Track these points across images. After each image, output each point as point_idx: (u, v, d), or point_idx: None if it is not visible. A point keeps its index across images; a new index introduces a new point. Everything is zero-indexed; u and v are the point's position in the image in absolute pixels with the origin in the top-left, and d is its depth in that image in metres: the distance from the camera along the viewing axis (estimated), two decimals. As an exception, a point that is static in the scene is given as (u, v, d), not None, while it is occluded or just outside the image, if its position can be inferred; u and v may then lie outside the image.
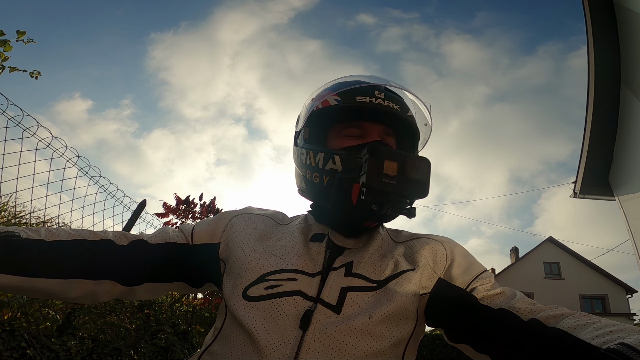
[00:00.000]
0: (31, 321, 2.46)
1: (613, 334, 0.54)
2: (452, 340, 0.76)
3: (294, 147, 0.89)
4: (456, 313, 0.74)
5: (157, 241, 0.83)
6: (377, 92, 0.81)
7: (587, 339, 0.55)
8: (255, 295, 0.71)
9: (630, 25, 4.48)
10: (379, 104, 0.79)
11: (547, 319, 0.63)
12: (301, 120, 0.87)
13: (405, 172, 0.67)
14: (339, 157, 0.75)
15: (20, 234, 0.70)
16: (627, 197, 5.14)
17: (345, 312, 0.68)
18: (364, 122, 0.82)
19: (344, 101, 0.81)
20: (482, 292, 0.74)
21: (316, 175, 0.78)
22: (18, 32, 2.32)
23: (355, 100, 0.79)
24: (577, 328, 0.58)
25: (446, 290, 0.76)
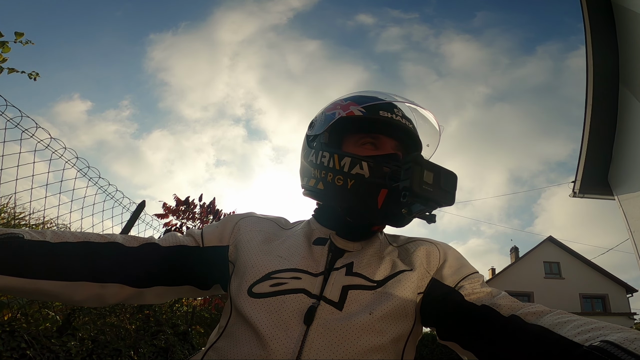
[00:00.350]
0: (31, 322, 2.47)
1: (594, 331, 0.55)
2: (441, 338, 0.79)
3: (308, 149, 0.92)
4: (444, 311, 0.77)
5: (168, 244, 0.85)
6: (396, 110, 0.89)
7: (569, 336, 0.56)
8: (261, 292, 0.74)
9: (629, 24, 4.49)
10: (398, 120, 0.87)
11: (527, 315, 0.65)
12: (320, 124, 0.91)
13: (440, 182, 0.73)
14: (367, 163, 0.79)
15: (24, 235, 0.70)
16: (626, 196, 5.15)
17: (347, 309, 0.72)
18: (381, 135, 0.87)
19: (368, 113, 0.86)
20: (468, 289, 0.77)
21: (339, 177, 0.81)
22: (16, 33, 2.32)
23: (379, 114, 0.86)
24: (557, 325, 0.60)
25: (437, 289, 0.80)
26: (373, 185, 0.78)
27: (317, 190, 0.86)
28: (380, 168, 0.78)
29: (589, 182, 5.70)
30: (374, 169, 0.78)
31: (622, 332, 0.52)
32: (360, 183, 0.79)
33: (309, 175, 0.89)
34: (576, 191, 5.90)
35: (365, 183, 0.78)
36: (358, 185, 0.79)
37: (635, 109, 4.68)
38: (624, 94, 4.94)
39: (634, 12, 4.24)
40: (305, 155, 0.93)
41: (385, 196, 0.77)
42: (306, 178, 0.91)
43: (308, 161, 0.90)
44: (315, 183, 0.86)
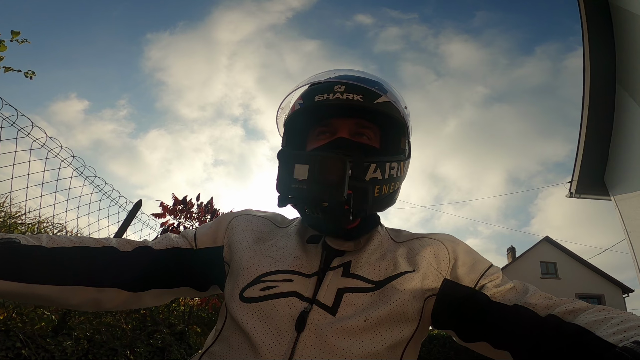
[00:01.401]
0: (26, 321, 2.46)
1: (630, 330, 0.53)
2: (465, 340, 0.74)
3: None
4: (467, 313, 0.73)
5: (161, 247, 0.83)
6: (337, 87, 0.78)
7: (604, 336, 0.54)
8: (252, 297, 0.71)
9: (626, 25, 4.50)
10: (336, 98, 0.76)
11: (565, 314, 0.63)
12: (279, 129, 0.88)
13: (315, 175, 0.66)
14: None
15: (20, 240, 0.70)
16: (622, 196, 5.16)
17: (341, 314, 0.68)
18: (333, 119, 0.81)
19: (305, 103, 0.80)
20: (492, 289, 0.73)
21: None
22: (12, 32, 2.31)
23: (314, 100, 0.78)
24: (595, 324, 0.57)
25: (454, 290, 0.75)
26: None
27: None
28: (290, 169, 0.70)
29: (585, 183, 5.71)
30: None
31: None
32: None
33: None
34: (573, 191, 5.91)
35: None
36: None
37: (631, 109, 4.70)
38: (621, 95, 4.96)
39: (631, 13, 4.25)
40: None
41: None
42: None
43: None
44: None
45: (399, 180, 0.83)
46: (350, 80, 0.80)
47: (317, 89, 0.79)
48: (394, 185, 0.82)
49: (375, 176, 0.76)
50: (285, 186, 0.65)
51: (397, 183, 0.83)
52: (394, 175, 0.80)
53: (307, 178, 0.65)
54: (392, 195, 0.84)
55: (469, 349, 0.75)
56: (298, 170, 0.64)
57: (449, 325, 0.76)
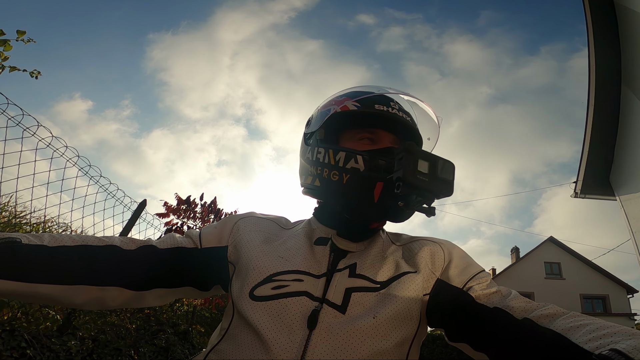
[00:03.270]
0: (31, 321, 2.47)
1: (606, 337, 0.53)
2: (451, 339, 0.77)
3: (305, 147, 0.90)
4: (454, 313, 0.75)
5: (166, 246, 0.84)
6: (392, 103, 0.86)
7: (579, 343, 0.55)
8: (263, 295, 0.73)
9: (631, 24, 4.48)
10: (394, 114, 0.84)
11: (540, 318, 0.64)
12: (316, 121, 0.90)
13: (436, 172, 0.71)
14: (362, 157, 0.77)
15: (21, 239, 0.70)
16: (628, 196, 5.13)
17: (351, 312, 0.70)
18: (378, 129, 0.86)
19: (363, 108, 0.84)
20: (478, 291, 0.75)
21: (335, 173, 0.79)
22: (18, 31, 2.32)
23: (374, 108, 0.84)
24: (570, 330, 0.58)
25: (444, 290, 0.78)
26: (368, 179, 0.76)
27: (314, 188, 0.85)
28: (375, 161, 0.77)
29: (590, 183, 5.68)
30: (369, 162, 0.77)
31: (633, 338, 0.51)
32: (355, 177, 0.77)
33: (306, 173, 0.88)
34: (578, 192, 5.88)
35: (361, 177, 0.77)
36: (353, 179, 0.77)
37: (637, 109, 4.67)
38: (626, 94, 4.93)
39: (636, 12, 4.23)
40: (302, 153, 0.91)
41: (381, 189, 0.75)
42: (304, 176, 0.90)
43: (305, 159, 0.89)
44: (312, 180, 0.85)
45: None
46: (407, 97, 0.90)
47: (375, 99, 0.85)
48: None
49: None
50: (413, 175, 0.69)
51: None
52: None
53: (429, 173, 0.70)
54: None
55: None
56: (421, 164, 0.70)
57: (440, 324, 0.78)
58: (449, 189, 0.72)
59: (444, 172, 0.71)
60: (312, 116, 0.94)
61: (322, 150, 0.83)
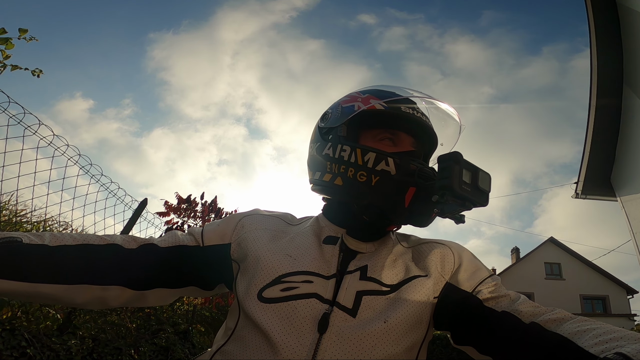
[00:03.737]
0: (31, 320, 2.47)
1: (612, 342, 0.53)
2: (457, 342, 0.77)
3: (322, 141, 0.87)
4: (462, 316, 0.75)
5: (167, 244, 0.82)
6: (416, 106, 0.86)
7: (586, 347, 0.55)
8: (272, 297, 0.72)
9: (633, 25, 4.47)
10: (419, 117, 0.85)
11: (547, 322, 0.64)
12: (338, 117, 0.87)
13: (477, 182, 0.71)
14: (393, 160, 0.77)
15: (22, 239, 0.69)
16: (629, 197, 5.14)
17: (361, 316, 0.70)
18: (400, 131, 0.85)
19: (390, 109, 0.84)
20: (487, 294, 0.75)
21: (362, 173, 0.78)
22: (20, 30, 2.31)
23: (401, 110, 0.84)
24: (577, 334, 0.58)
25: (453, 294, 0.77)
26: (401, 183, 0.76)
27: (334, 186, 0.82)
28: (407, 165, 0.77)
29: (591, 183, 5.69)
30: (401, 166, 0.76)
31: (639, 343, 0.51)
32: (385, 180, 0.76)
33: (322, 170, 0.85)
34: (579, 192, 5.89)
35: (392, 180, 0.76)
36: (383, 182, 0.76)
37: (638, 109, 4.67)
38: (628, 95, 4.93)
39: (638, 13, 4.22)
40: (318, 148, 0.88)
41: (413, 194, 0.75)
42: (319, 172, 0.86)
43: (323, 154, 0.85)
44: (331, 178, 0.82)
45: None
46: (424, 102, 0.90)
47: (400, 101, 0.85)
48: None
49: None
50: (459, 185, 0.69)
51: None
52: None
53: (471, 183, 0.71)
54: None
55: None
56: (465, 174, 0.70)
57: (446, 327, 0.78)
58: (486, 199, 0.73)
59: (484, 183, 0.72)
60: (329, 110, 0.91)
61: (348, 149, 0.81)
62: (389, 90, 0.88)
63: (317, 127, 0.92)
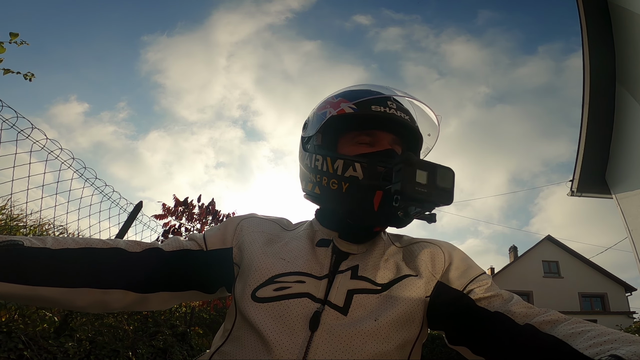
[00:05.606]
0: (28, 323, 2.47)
1: (607, 344, 0.53)
2: (451, 342, 0.77)
3: (303, 153, 0.89)
4: (454, 315, 0.75)
5: (171, 248, 0.84)
6: (390, 103, 0.84)
7: (580, 349, 0.55)
8: (265, 297, 0.73)
9: (625, 23, 4.50)
10: (392, 114, 0.83)
11: (542, 324, 0.64)
12: (313, 125, 0.88)
13: (435, 181, 0.70)
14: (360, 164, 0.77)
15: (24, 242, 0.69)
16: (624, 194, 5.16)
17: (352, 314, 0.71)
18: (376, 130, 0.84)
19: (360, 110, 0.83)
20: (479, 294, 0.75)
21: (334, 181, 0.79)
22: (11, 34, 2.32)
23: (371, 110, 0.82)
24: (572, 336, 0.58)
25: (444, 293, 0.78)
26: (367, 188, 0.76)
27: (315, 195, 0.85)
28: (374, 168, 0.76)
29: (586, 181, 5.71)
30: (368, 170, 0.76)
31: (634, 345, 0.51)
32: (354, 186, 0.77)
33: (307, 180, 0.88)
34: (574, 190, 5.90)
35: (360, 185, 0.76)
36: (353, 188, 0.77)
37: (632, 107, 4.70)
38: (621, 93, 4.95)
39: (630, 12, 4.25)
40: (301, 159, 0.91)
41: (381, 198, 0.75)
42: (304, 182, 0.89)
43: (304, 165, 0.88)
44: (312, 187, 0.85)
45: None
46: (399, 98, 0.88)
47: (372, 100, 0.83)
48: None
49: None
50: (411, 188, 0.68)
51: None
52: None
53: (427, 183, 0.69)
54: None
55: None
56: (420, 175, 0.69)
57: (440, 326, 0.78)
58: (448, 197, 0.71)
59: (443, 180, 0.71)
60: (308, 119, 0.92)
61: (320, 158, 0.82)
62: (361, 89, 0.88)
63: (300, 138, 0.93)
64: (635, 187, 4.79)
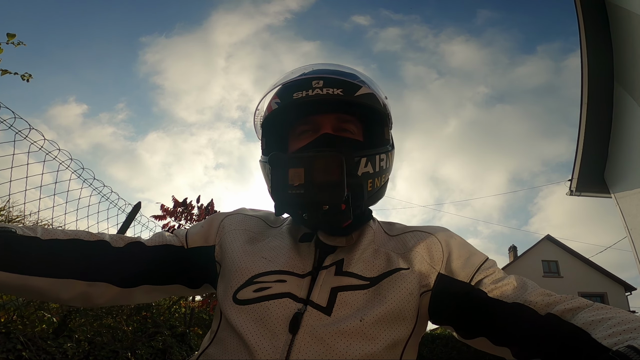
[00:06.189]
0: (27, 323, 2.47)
1: (625, 333, 0.52)
2: (465, 337, 0.73)
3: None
4: (465, 309, 0.72)
5: (154, 244, 0.83)
6: (315, 82, 0.76)
7: (598, 338, 0.54)
8: (245, 299, 0.70)
9: (622, 22, 4.51)
10: (316, 94, 0.75)
11: (564, 312, 0.62)
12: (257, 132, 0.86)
13: (313, 177, 0.64)
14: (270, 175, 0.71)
15: (16, 230, 0.69)
16: (622, 194, 5.16)
17: (337, 314, 0.67)
18: (314, 116, 0.79)
19: (282, 102, 0.78)
20: (489, 285, 0.71)
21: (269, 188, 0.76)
22: (8, 34, 2.32)
23: (292, 98, 0.76)
24: (592, 324, 0.57)
25: (449, 285, 0.73)
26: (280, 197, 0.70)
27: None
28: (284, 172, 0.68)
29: (585, 181, 5.72)
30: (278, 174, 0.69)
31: None
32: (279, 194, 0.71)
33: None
34: (573, 189, 5.91)
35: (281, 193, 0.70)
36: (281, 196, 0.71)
37: (630, 106, 4.70)
38: (619, 92, 4.96)
39: (628, 11, 4.26)
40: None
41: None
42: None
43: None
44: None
45: (388, 171, 0.83)
46: (328, 74, 0.78)
47: (294, 86, 0.77)
48: (384, 177, 0.82)
49: (367, 170, 0.76)
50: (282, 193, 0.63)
51: (386, 175, 0.83)
52: (384, 167, 0.80)
53: (304, 182, 0.63)
54: (383, 187, 0.84)
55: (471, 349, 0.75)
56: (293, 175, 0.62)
57: (447, 321, 0.75)
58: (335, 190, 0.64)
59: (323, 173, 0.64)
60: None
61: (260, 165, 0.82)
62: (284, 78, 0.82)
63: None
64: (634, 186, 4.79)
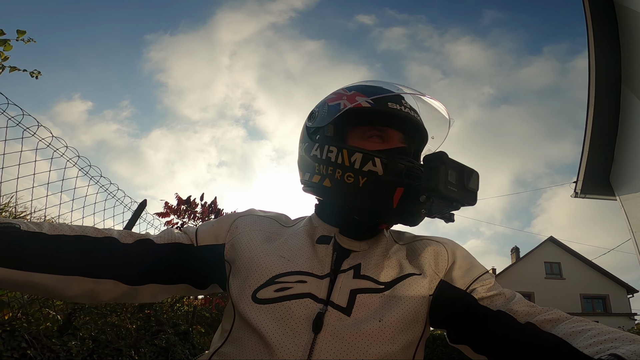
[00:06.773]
0: (32, 321, 2.47)
1: (607, 342, 0.54)
2: (452, 341, 0.77)
3: (310, 142, 0.86)
4: (457, 314, 0.75)
5: (163, 241, 0.82)
6: (403, 101, 0.85)
7: (580, 347, 0.55)
8: (266, 298, 0.71)
9: (631, 24, 4.48)
10: (407, 113, 0.84)
11: (543, 323, 0.64)
12: (324, 116, 0.86)
13: (463, 182, 0.71)
14: (380, 160, 0.76)
15: (21, 226, 0.68)
16: (628, 196, 5.15)
17: (356, 315, 0.69)
18: (388, 127, 0.84)
19: (377, 106, 0.82)
20: (481, 293, 0.75)
21: (350, 175, 0.77)
22: (18, 31, 2.32)
23: (387, 107, 0.82)
24: (572, 335, 0.59)
25: (447, 291, 0.77)
26: (388, 184, 0.74)
27: (323, 188, 0.81)
28: (394, 165, 0.75)
29: (590, 183, 5.70)
30: (388, 166, 0.75)
31: (634, 344, 0.52)
32: (373, 181, 0.75)
33: (311, 171, 0.85)
34: (578, 191, 5.90)
35: (380, 181, 0.75)
36: (371, 183, 0.75)
37: (637, 108, 4.68)
38: (626, 94, 4.94)
39: (636, 12, 4.23)
40: (306, 149, 0.87)
41: (401, 195, 0.74)
42: (308, 173, 0.86)
43: (311, 155, 0.85)
44: (320, 180, 0.82)
45: None
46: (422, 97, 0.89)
47: (387, 97, 0.83)
48: None
49: None
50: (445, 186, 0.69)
51: None
52: None
53: (457, 183, 0.70)
54: None
55: None
56: (451, 175, 0.70)
57: (442, 325, 0.78)
58: (473, 198, 0.73)
59: (471, 182, 0.72)
60: (316, 109, 0.90)
61: (335, 150, 0.80)
62: (376, 85, 0.87)
63: (305, 127, 0.91)
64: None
